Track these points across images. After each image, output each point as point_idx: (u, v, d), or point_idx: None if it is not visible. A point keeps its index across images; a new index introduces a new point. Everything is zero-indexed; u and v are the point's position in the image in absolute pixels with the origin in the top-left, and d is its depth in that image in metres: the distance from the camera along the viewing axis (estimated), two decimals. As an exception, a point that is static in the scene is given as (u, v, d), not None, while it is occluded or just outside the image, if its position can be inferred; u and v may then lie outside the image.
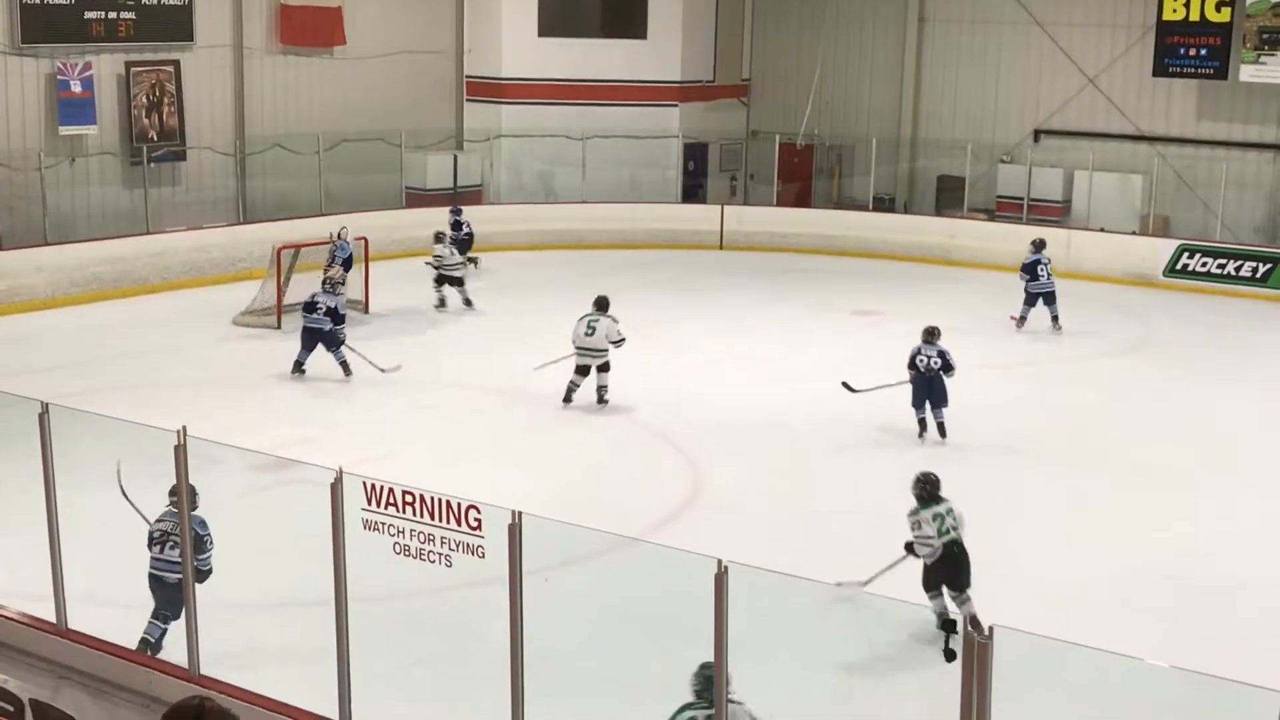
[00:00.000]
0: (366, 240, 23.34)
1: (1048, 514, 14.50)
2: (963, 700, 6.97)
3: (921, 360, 17.00)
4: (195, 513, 9.98)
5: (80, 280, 23.59)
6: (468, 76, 31.44)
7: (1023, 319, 22.31)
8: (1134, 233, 27.73)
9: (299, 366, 19.02)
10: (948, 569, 11.31)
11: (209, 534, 10.33)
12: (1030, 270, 22.25)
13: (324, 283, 19.47)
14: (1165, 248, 26.70)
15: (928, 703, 9.77)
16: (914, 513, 11.52)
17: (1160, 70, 27.81)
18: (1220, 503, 14.90)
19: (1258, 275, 25.60)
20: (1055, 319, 22.22)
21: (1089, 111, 29.22)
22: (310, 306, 18.95)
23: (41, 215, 24.03)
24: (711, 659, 7.89)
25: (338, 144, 28.14)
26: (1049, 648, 8.55)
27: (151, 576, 10.60)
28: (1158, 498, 14.99)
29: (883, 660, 10.56)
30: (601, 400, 18.01)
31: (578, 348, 18.06)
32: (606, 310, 18.22)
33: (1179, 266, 26.36)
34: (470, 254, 25.37)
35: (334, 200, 27.89)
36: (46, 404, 10.24)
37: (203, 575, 10.11)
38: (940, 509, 11.44)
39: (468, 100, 31.54)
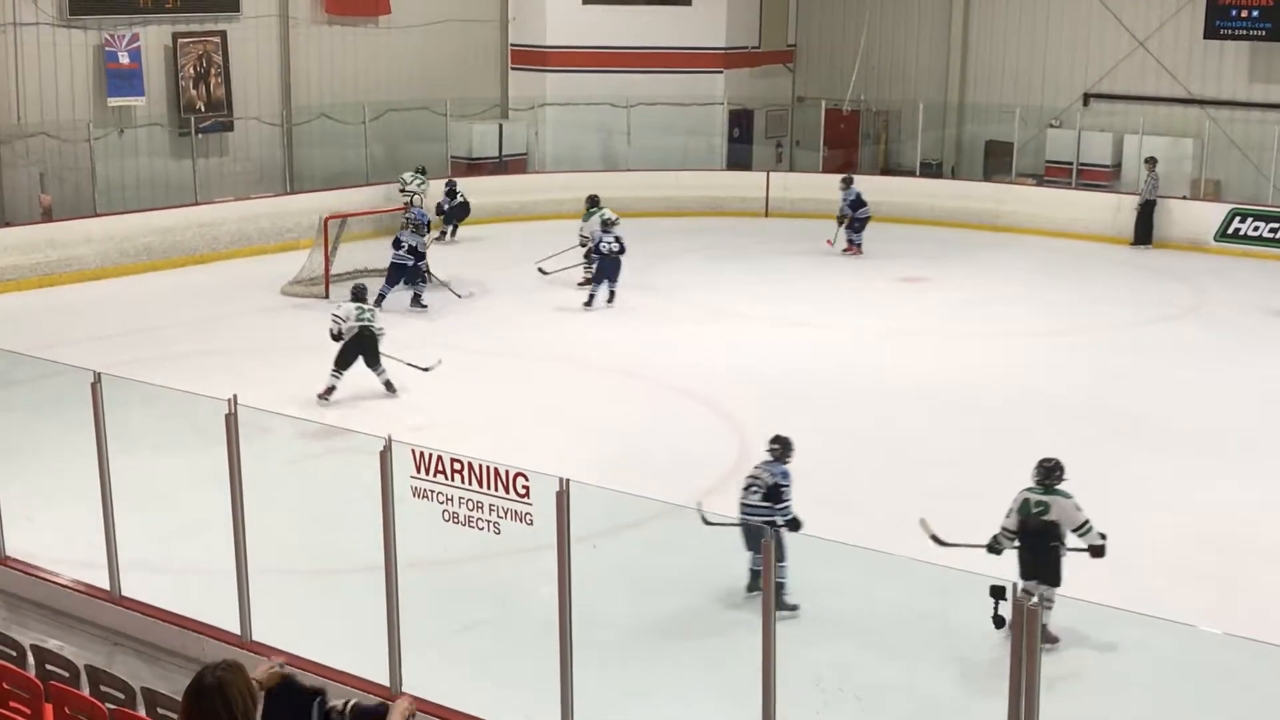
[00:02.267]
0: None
1: (1095, 480, 14.37)
2: (1011, 666, 6.96)
3: (605, 245, 21.02)
4: (784, 466, 11.15)
5: (129, 251, 23.76)
6: (512, 45, 31.40)
7: (852, 243, 25.47)
8: (1185, 197, 27.42)
9: (418, 300, 21.25)
10: (361, 346, 16.34)
11: (789, 484, 11.04)
12: (859, 203, 25.37)
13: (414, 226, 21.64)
14: (1217, 212, 26.41)
15: (975, 668, 9.76)
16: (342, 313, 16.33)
17: (1211, 32, 27.46)
18: (1271, 468, 14.77)
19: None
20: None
21: (1139, 75, 28.88)
22: (396, 243, 21.21)
23: (90, 186, 24.19)
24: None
25: (383, 113, 28.20)
26: (1099, 614, 8.53)
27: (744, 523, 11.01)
28: (1207, 463, 14.87)
29: (930, 626, 10.54)
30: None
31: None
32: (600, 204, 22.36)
33: (1230, 231, 26.07)
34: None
35: (380, 169, 27.95)
36: (99, 374, 10.35)
37: (793, 525, 10.87)
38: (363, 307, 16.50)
39: (512, 68, 31.50)
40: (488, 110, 30.91)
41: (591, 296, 21.22)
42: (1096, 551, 10.52)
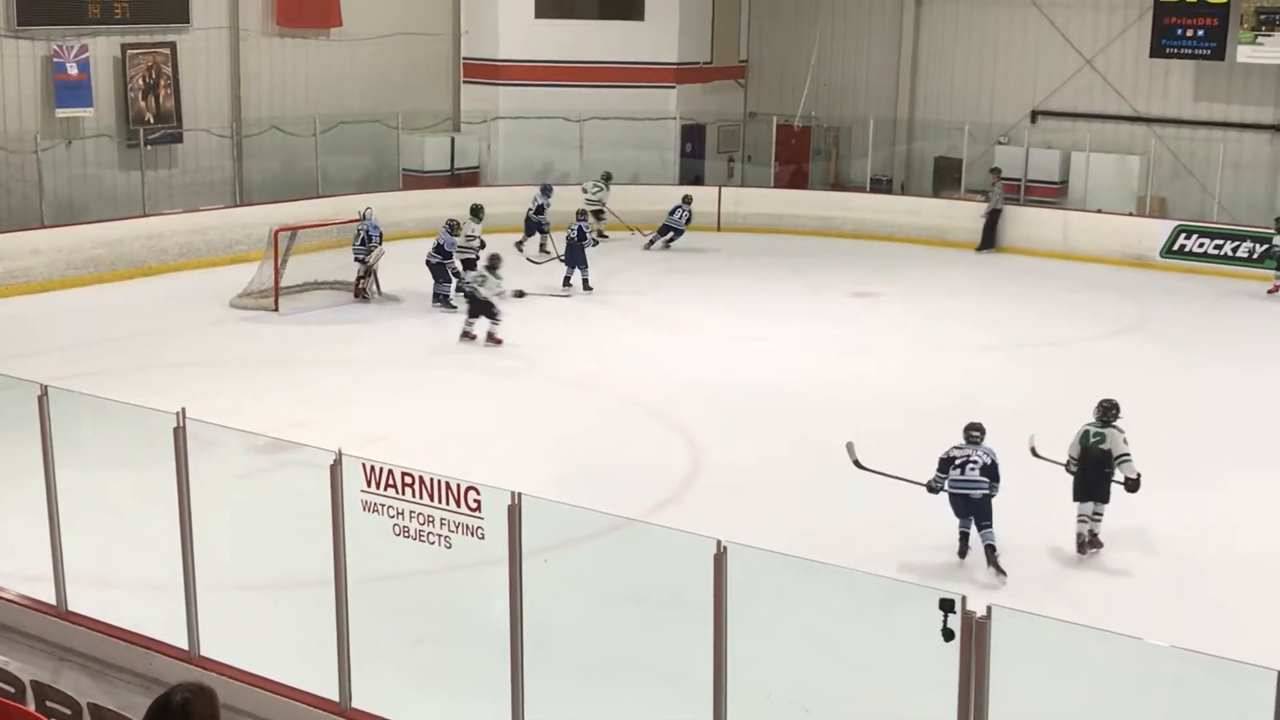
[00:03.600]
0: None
1: (1043, 493, 14.50)
2: (961, 678, 7.00)
3: (570, 232, 23.25)
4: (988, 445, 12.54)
5: (77, 262, 23.56)
6: (464, 58, 31.38)
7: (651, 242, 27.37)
8: (1131, 214, 27.70)
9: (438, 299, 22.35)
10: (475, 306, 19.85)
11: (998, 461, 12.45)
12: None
13: (447, 223, 22.48)
14: (1162, 229, 26.69)
15: (926, 681, 9.79)
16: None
17: (1157, 51, 27.77)
18: (1217, 481, 14.91)
19: (1254, 256, 25.59)
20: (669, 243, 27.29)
21: (1086, 93, 29.17)
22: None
23: (38, 198, 23.99)
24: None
25: (334, 126, 28.10)
26: (1048, 627, 8.57)
27: (955, 496, 12.45)
28: (1154, 477, 14.93)
29: (881, 638, 10.59)
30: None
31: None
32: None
33: (1176, 247, 26.36)
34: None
35: (330, 182, 27.86)
36: (46, 386, 10.26)
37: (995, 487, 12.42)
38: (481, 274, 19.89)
39: (464, 82, 31.47)
40: (440, 123, 30.86)
41: (568, 279, 23.40)
42: (1132, 485, 12.55)
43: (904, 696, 9.81)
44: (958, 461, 12.49)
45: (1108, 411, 12.94)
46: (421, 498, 8.53)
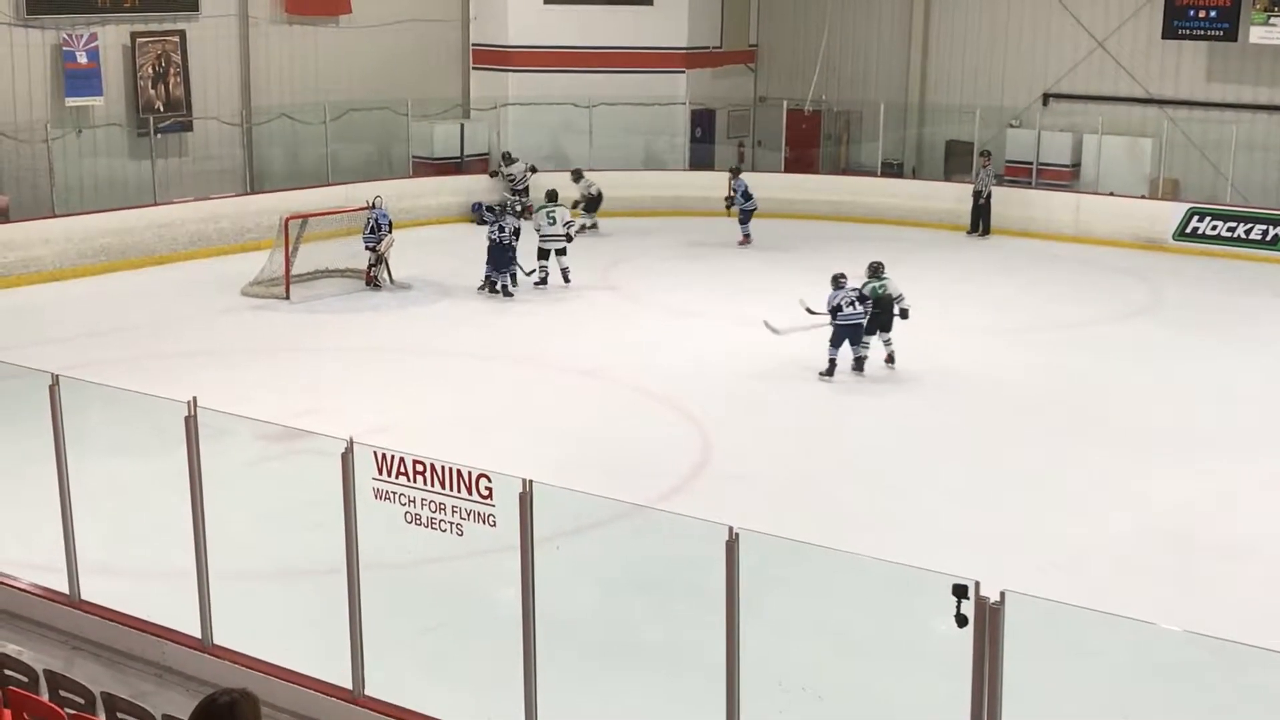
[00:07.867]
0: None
1: (1056, 478, 14.49)
2: (974, 665, 6.99)
3: (491, 233, 22.12)
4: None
5: (88, 252, 23.58)
6: (474, 44, 31.33)
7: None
8: (1143, 196, 27.59)
9: (491, 284, 22.13)
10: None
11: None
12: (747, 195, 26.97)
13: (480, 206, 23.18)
14: (1175, 211, 26.59)
15: (939, 668, 9.78)
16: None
17: (1169, 32, 27.65)
18: (1227, 466, 14.86)
19: (1268, 238, 25.50)
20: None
21: (1098, 75, 29.06)
22: (498, 227, 22.09)
23: (49, 187, 24.01)
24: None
25: (344, 113, 28.08)
26: (1060, 612, 8.56)
27: (843, 328, 17.40)
28: (1166, 461, 14.97)
29: (893, 626, 10.57)
30: (567, 279, 22.48)
31: (543, 235, 22.46)
32: (558, 200, 23.01)
33: (1189, 230, 26.26)
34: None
35: (340, 170, 27.84)
36: (57, 376, 10.26)
37: (904, 313, 18.15)
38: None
39: (474, 68, 31.43)
40: (449, 110, 30.82)
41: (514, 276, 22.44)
42: (905, 314, 17.97)
43: (917, 683, 9.79)
44: (844, 307, 17.25)
45: (880, 269, 18.17)
46: (433, 485, 8.53)
